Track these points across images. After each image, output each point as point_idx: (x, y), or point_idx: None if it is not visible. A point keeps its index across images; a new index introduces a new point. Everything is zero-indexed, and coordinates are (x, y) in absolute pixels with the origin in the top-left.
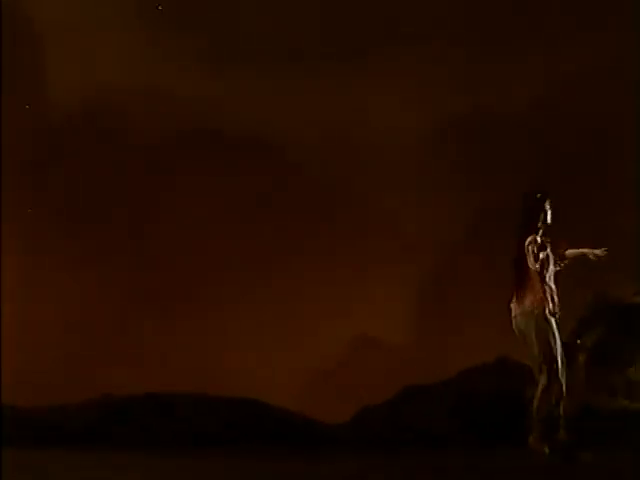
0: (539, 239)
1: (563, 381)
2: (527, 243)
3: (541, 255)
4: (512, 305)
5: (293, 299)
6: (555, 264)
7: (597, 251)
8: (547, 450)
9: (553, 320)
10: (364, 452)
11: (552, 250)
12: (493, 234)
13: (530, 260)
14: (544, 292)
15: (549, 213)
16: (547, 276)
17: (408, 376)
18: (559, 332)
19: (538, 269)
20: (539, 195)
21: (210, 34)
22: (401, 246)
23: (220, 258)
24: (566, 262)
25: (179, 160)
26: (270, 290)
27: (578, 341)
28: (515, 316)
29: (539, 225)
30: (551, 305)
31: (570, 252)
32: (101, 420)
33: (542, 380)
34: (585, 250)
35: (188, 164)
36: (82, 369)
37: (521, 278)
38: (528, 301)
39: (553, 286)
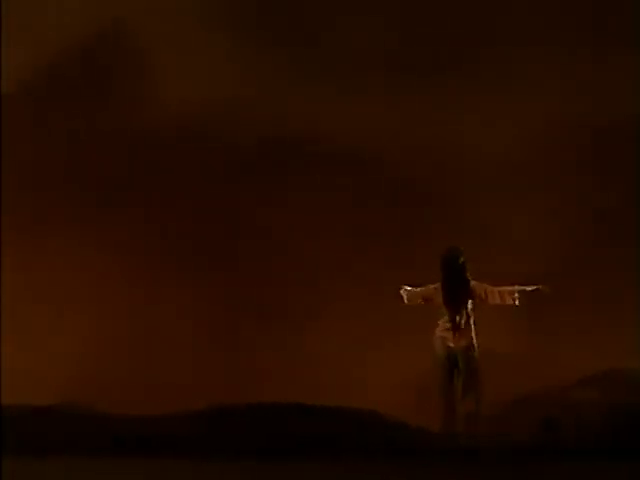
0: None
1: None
2: (482, 287)
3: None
4: (448, 336)
5: (400, 309)
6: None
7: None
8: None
9: None
10: (474, 461)
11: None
12: (603, 242)
13: (496, 298)
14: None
15: None
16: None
17: (518, 386)
18: None
19: (517, 302)
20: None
21: (305, 44)
22: (509, 255)
23: (320, 269)
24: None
25: (274, 174)
26: (378, 299)
27: None
28: (451, 347)
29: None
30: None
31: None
32: (209, 429)
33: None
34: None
35: (284, 178)
36: (188, 379)
37: (458, 316)
38: (467, 336)
39: None
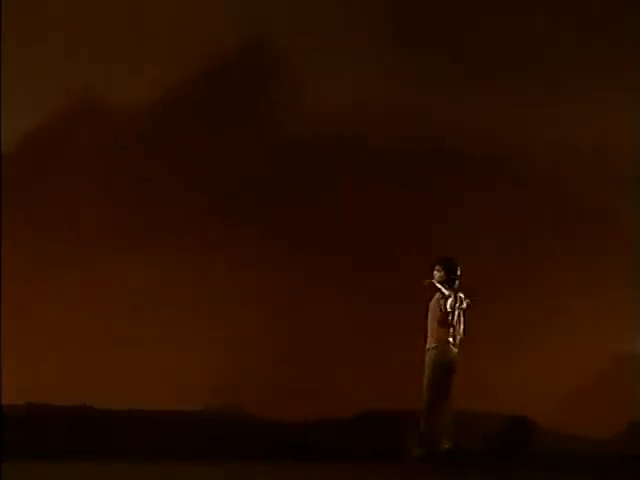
0: None
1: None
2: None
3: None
4: (455, 344)
5: (545, 315)
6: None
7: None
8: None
9: None
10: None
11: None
12: None
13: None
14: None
15: None
16: None
17: None
18: None
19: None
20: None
21: (445, 45)
22: None
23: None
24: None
25: (411, 178)
26: (522, 307)
27: None
28: (455, 354)
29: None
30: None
31: None
32: (359, 434)
33: (435, 403)
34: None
35: (418, 182)
36: (339, 384)
37: (460, 324)
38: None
39: None
